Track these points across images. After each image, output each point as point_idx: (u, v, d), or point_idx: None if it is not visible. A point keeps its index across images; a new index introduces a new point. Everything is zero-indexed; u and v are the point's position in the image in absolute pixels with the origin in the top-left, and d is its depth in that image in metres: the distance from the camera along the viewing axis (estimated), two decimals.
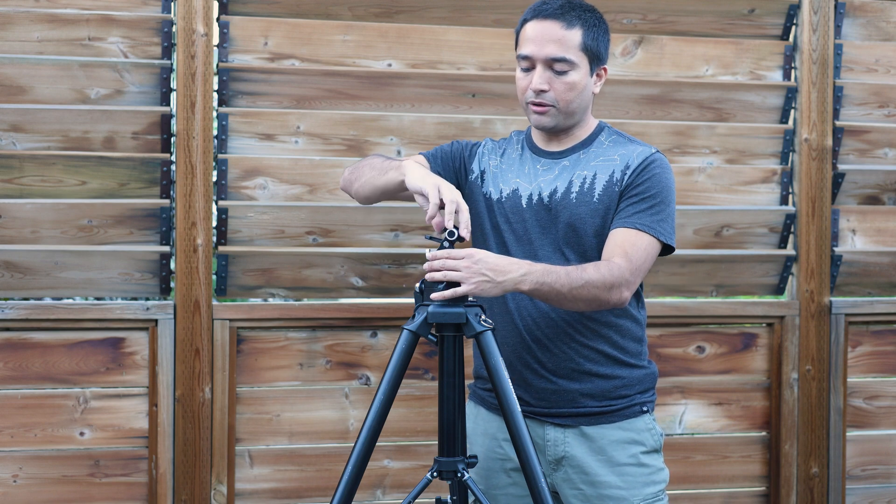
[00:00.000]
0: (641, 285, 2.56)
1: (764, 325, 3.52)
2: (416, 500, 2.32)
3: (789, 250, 3.51)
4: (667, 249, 2.52)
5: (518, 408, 2.24)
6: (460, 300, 2.27)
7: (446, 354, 2.31)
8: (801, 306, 3.50)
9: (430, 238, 2.34)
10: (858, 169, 3.54)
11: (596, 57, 2.51)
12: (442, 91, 3.29)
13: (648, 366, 2.58)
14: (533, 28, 2.48)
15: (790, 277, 3.54)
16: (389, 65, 3.27)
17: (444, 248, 2.28)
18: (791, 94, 3.49)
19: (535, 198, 2.52)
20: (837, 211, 3.54)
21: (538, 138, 2.61)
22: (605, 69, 2.54)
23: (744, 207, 3.47)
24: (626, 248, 2.43)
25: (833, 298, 3.54)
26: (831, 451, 3.53)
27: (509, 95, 3.30)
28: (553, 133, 2.56)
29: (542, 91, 2.48)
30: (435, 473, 2.30)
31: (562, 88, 2.48)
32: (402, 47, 3.26)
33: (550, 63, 2.47)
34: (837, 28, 3.52)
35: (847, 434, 3.56)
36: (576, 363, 2.48)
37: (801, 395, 3.50)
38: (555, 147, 2.58)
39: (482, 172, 2.60)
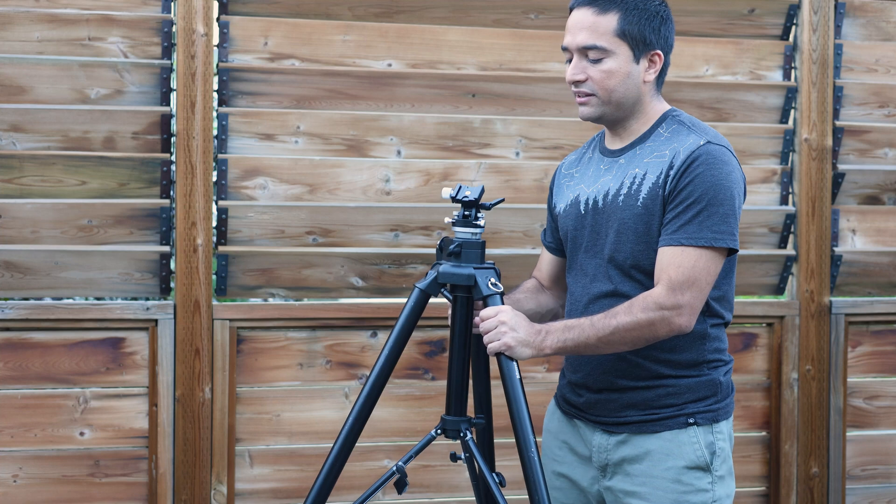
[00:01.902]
0: (718, 294, 2.37)
1: (764, 325, 3.52)
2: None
3: (789, 250, 3.51)
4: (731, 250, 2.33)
5: (520, 393, 2.20)
6: (472, 261, 2.26)
7: (458, 315, 2.29)
8: (801, 306, 3.50)
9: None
10: (858, 169, 3.54)
11: (641, 42, 2.31)
12: (442, 91, 3.29)
13: (710, 373, 2.32)
14: (571, 18, 2.36)
15: (790, 277, 3.54)
16: (389, 65, 3.27)
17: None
18: (791, 94, 3.49)
19: (590, 202, 2.37)
20: (837, 211, 3.54)
21: (606, 136, 2.45)
22: (658, 54, 2.33)
23: (744, 207, 3.46)
24: (671, 271, 2.24)
25: (833, 298, 3.54)
26: (831, 451, 3.53)
27: (509, 95, 3.30)
28: (611, 127, 2.41)
29: (578, 81, 2.34)
30: (439, 431, 2.32)
31: (599, 77, 2.32)
32: (402, 47, 3.26)
33: (584, 52, 2.33)
34: (837, 28, 3.52)
35: (847, 434, 3.56)
36: (609, 382, 2.32)
37: (801, 395, 3.50)
38: (616, 144, 2.41)
39: (555, 194, 2.50)
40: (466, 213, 2.27)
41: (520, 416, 2.18)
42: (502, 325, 2.21)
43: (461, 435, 2.29)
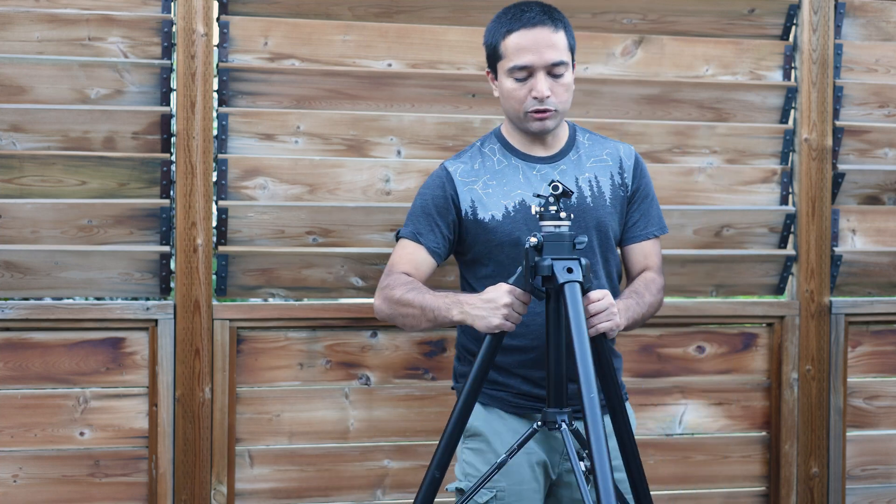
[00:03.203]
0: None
1: (764, 325, 3.52)
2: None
3: (789, 250, 3.51)
4: None
5: (592, 361, 2.25)
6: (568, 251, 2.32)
7: (549, 308, 2.35)
8: (801, 306, 3.50)
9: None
10: (858, 169, 3.54)
11: (574, 54, 2.60)
12: (442, 91, 3.29)
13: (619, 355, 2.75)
14: (522, 38, 2.51)
15: (790, 277, 3.54)
16: (389, 65, 3.27)
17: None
18: (791, 94, 3.49)
19: None
20: (837, 211, 3.54)
21: (521, 143, 2.63)
22: (575, 64, 2.62)
23: (744, 207, 3.47)
24: (656, 259, 2.71)
25: (833, 298, 3.54)
26: (831, 451, 3.53)
27: None
28: (541, 137, 2.60)
29: (547, 97, 2.51)
30: (540, 423, 2.37)
31: (561, 91, 2.54)
32: (402, 47, 3.26)
33: (550, 68, 2.51)
34: (837, 28, 3.52)
35: (847, 434, 3.56)
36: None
37: (801, 395, 3.50)
38: (542, 152, 2.61)
39: (472, 202, 2.60)
40: (553, 206, 2.33)
41: (583, 343, 2.25)
42: (612, 306, 2.38)
43: (557, 426, 2.34)
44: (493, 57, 2.60)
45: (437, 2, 3.28)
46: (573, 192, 2.36)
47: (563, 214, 2.32)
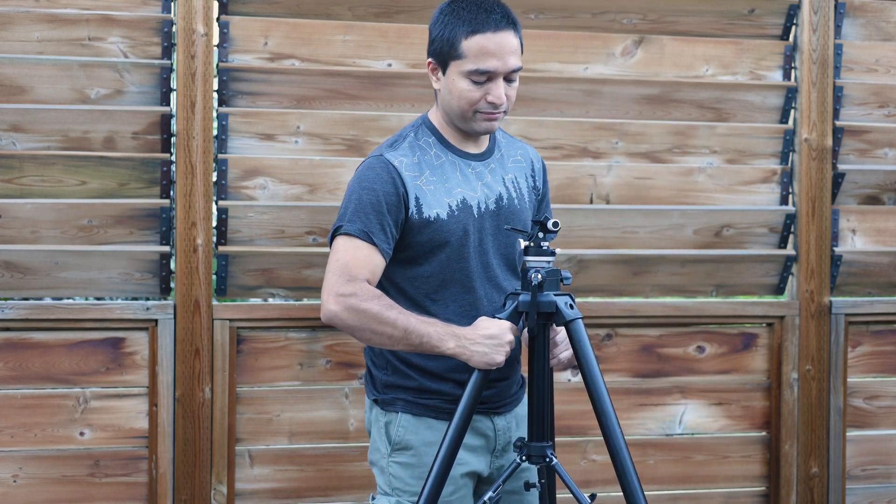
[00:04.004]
0: None
1: (764, 325, 3.52)
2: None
3: (789, 250, 3.51)
4: None
5: (607, 393, 2.29)
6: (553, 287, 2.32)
7: (537, 343, 2.34)
8: (801, 306, 3.50)
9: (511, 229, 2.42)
10: (858, 169, 3.54)
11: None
12: None
13: None
14: (488, 41, 2.40)
15: (790, 277, 3.54)
16: (389, 65, 3.27)
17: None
18: (791, 94, 3.49)
19: (482, 205, 2.49)
20: (837, 211, 3.54)
21: (455, 139, 2.52)
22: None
23: (744, 207, 3.47)
24: None
25: (833, 298, 3.54)
26: (831, 451, 3.53)
27: None
28: (476, 135, 2.52)
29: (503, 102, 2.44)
30: (524, 457, 2.34)
31: (512, 94, 2.47)
32: (402, 47, 3.26)
33: (509, 74, 2.43)
34: (837, 28, 3.52)
35: (847, 434, 3.56)
36: (512, 368, 2.55)
37: (801, 395, 3.50)
38: (474, 149, 2.53)
39: (416, 199, 2.44)
40: (544, 244, 2.32)
41: (593, 373, 2.30)
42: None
43: (546, 460, 2.33)
44: (447, 53, 2.44)
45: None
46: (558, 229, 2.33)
47: (552, 249, 2.33)
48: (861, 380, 3.61)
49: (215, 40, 3.17)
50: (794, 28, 3.50)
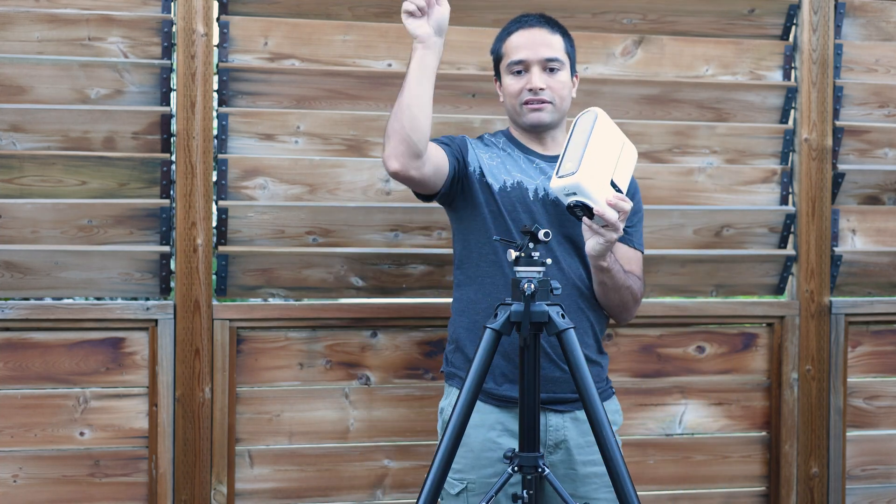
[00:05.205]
0: None
1: (764, 325, 3.52)
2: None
3: (789, 250, 3.51)
4: None
5: (599, 401, 2.31)
6: (543, 298, 2.34)
7: (528, 353, 2.36)
8: (801, 306, 3.50)
9: (498, 240, 2.48)
10: (858, 169, 3.54)
11: (573, 63, 2.77)
12: (442, 91, 3.27)
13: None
14: (521, 37, 2.71)
15: (790, 277, 3.54)
16: (389, 65, 3.27)
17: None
18: (791, 94, 3.49)
19: (541, 192, 2.69)
20: (837, 211, 3.54)
21: (525, 139, 2.77)
22: (577, 77, 2.81)
23: (744, 207, 3.47)
24: (641, 269, 2.77)
25: (833, 298, 3.54)
26: (831, 451, 3.53)
27: None
28: (540, 135, 2.74)
29: (541, 88, 2.67)
30: (516, 468, 2.36)
31: (558, 86, 2.70)
32: (402, 47, 3.26)
33: (545, 63, 2.68)
34: (837, 28, 3.52)
35: (847, 434, 3.56)
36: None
37: (801, 395, 3.50)
38: (541, 149, 2.76)
39: (479, 165, 2.71)
40: (535, 253, 2.35)
41: (585, 381, 2.33)
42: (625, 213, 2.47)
43: (538, 470, 2.35)
44: (497, 61, 2.78)
45: None
46: (549, 238, 2.36)
47: (543, 259, 2.36)
48: (861, 380, 3.61)
49: (215, 40, 3.17)
50: (794, 28, 3.50)
